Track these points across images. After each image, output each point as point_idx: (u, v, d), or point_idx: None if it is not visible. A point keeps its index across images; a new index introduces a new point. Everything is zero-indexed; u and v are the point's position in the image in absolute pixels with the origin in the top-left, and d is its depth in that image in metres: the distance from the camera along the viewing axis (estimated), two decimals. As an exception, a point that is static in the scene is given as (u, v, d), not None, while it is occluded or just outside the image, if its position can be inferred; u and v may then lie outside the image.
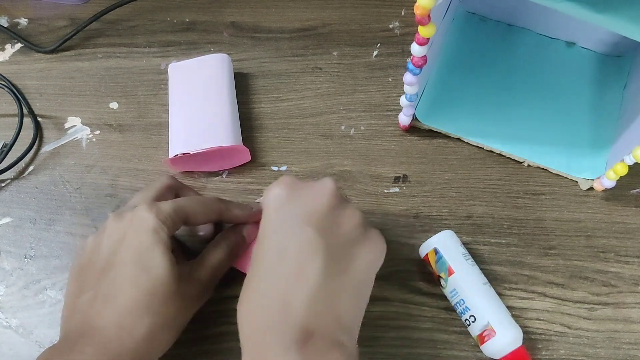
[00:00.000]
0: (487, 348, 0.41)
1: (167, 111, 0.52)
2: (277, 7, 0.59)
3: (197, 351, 0.43)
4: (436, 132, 0.51)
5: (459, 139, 0.51)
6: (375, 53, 0.56)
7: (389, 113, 0.53)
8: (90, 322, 0.35)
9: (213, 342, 0.43)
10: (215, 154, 0.49)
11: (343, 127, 0.52)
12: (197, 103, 0.50)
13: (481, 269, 0.44)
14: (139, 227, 0.36)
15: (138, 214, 0.37)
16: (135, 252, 0.36)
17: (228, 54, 0.54)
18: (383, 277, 0.46)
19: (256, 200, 0.45)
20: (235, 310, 0.39)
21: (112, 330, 0.35)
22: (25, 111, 0.53)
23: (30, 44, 0.57)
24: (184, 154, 0.47)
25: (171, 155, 0.48)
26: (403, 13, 0.58)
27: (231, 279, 0.45)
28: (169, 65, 0.53)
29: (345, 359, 0.32)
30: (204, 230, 0.45)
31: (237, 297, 0.44)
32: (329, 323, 0.33)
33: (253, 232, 0.42)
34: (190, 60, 0.53)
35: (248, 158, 0.50)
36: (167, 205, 0.38)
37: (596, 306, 0.44)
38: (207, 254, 0.40)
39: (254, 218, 0.42)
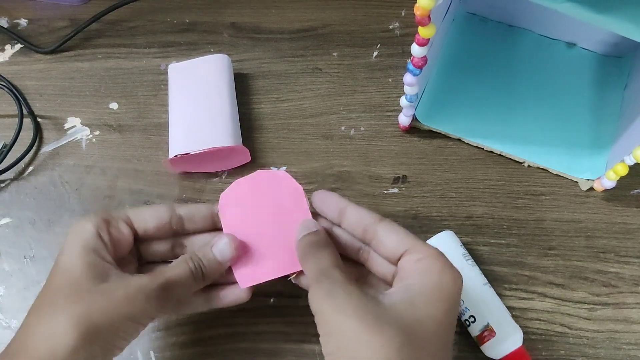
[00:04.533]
0: (487, 348, 0.41)
1: (167, 112, 0.52)
2: (277, 7, 0.59)
3: (195, 353, 0.43)
4: (436, 132, 0.51)
5: (458, 140, 0.51)
6: (375, 54, 0.56)
7: (389, 114, 0.53)
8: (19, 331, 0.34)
9: (210, 344, 0.43)
10: (215, 155, 0.49)
11: (343, 128, 0.52)
12: (197, 103, 0.50)
13: (481, 269, 0.44)
14: (69, 231, 0.36)
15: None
16: (58, 254, 0.36)
17: (228, 55, 0.54)
18: (383, 278, 0.46)
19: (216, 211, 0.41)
20: (231, 312, 0.42)
21: (24, 331, 0.33)
22: (25, 112, 0.53)
23: (30, 45, 0.57)
24: (183, 154, 0.47)
25: (171, 155, 0.48)
26: (403, 14, 0.58)
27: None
28: (169, 66, 0.53)
29: None
30: None
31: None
32: None
33: (226, 250, 0.38)
34: (190, 60, 0.53)
35: (248, 159, 0.50)
36: (105, 211, 0.37)
37: (596, 306, 0.44)
38: (163, 267, 0.37)
39: (208, 220, 0.40)
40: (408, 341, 0.29)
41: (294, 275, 0.39)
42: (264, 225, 0.40)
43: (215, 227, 0.40)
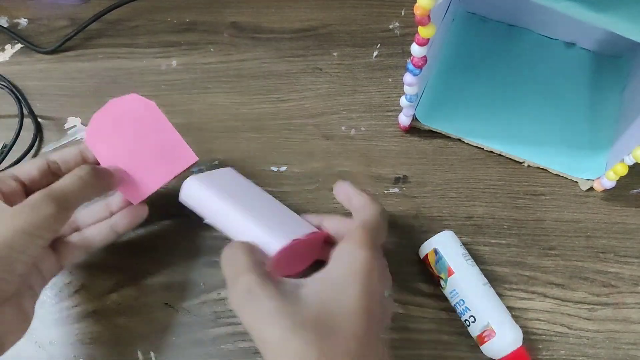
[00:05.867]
0: (487, 348, 0.41)
1: (166, 112, 0.52)
2: (277, 7, 0.60)
3: (195, 353, 0.43)
4: (436, 132, 0.51)
5: (459, 140, 0.51)
6: (375, 53, 0.56)
7: (389, 113, 0.53)
8: None
9: (210, 344, 0.43)
10: (301, 245, 0.40)
11: (343, 128, 0.52)
12: (256, 202, 0.43)
13: (481, 269, 0.44)
14: None
15: None
16: None
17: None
18: (383, 278, 0.46)
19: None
20: (232, 311, 0.38)
21: None
22: (25, 112, 0.53)
23: (31, 45, 0.57)
24: (294, 240, 0.38)
25: (279, 249, 0.37)
26: (403, 13, 0.58)
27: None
28: (184, 184, 0.41)
29: None
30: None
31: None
32: None
33: (117, 175, 0.42)
34: (205, 174, 0.44)
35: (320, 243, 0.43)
36: None
37: (596, 306, 0.44)
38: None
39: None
40: (325, 336, 0.30)
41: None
42: (134, 146, 0.43)
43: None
